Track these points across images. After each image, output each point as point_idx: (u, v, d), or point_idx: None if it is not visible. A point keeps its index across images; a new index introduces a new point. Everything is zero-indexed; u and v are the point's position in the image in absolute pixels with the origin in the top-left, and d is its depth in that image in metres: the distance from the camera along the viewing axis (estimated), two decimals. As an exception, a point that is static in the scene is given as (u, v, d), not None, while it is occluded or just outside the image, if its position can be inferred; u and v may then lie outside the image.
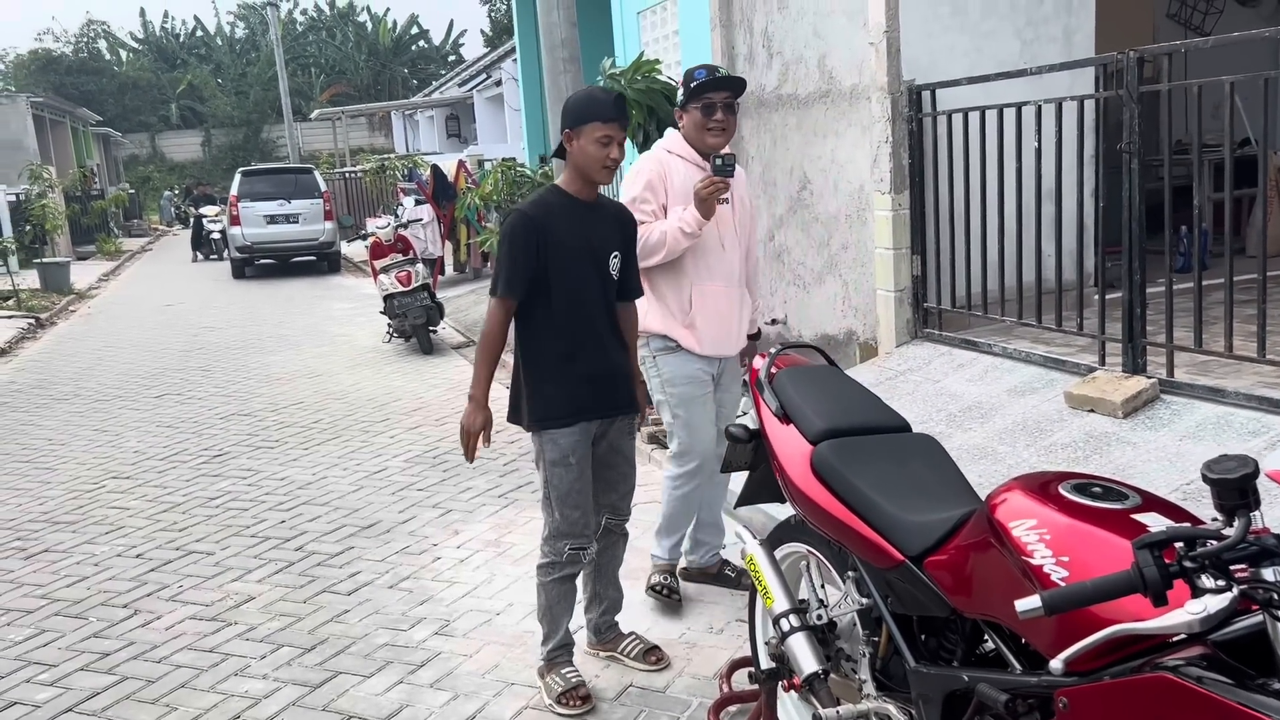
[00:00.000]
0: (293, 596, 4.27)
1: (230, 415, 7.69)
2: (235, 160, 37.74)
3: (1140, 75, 4.29)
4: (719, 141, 3.64)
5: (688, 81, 3.64)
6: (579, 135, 3.11)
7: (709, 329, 3.72)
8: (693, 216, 3.54)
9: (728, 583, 4.04)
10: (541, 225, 3.10)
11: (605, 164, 3.10)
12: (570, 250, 3.14)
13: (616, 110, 3.10)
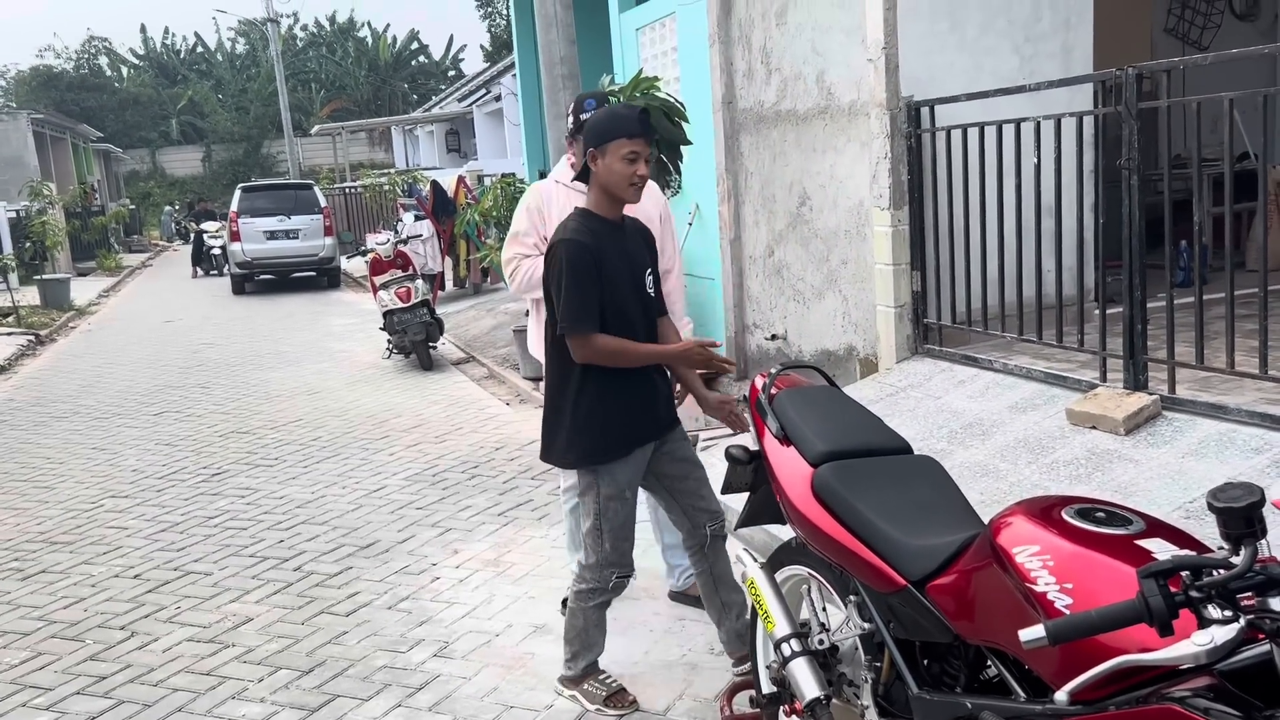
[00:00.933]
0: (291, 618, 4.24)
1: (229, 433, 7.67)
2: (235, 176, 37.83)
3: (1139, 91, 4.29)
4: None
5: (577, 112, 3.64)
6: (604, 154, 3.03)
7: None
8: None
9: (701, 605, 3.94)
10: (594, 251, 3.03)
11: (632, 181, 3.04)
12: (615, 274, 3.07)
13: (641, 125, 3.03)
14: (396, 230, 12.81)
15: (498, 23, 34.55)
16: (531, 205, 3.78)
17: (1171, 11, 8.85)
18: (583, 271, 2.99)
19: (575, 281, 2.98)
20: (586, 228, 3.08)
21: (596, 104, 3.55)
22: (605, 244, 3.06)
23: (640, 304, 3.14)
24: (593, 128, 3.05)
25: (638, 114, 3.04)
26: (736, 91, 7.44)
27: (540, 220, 3.75)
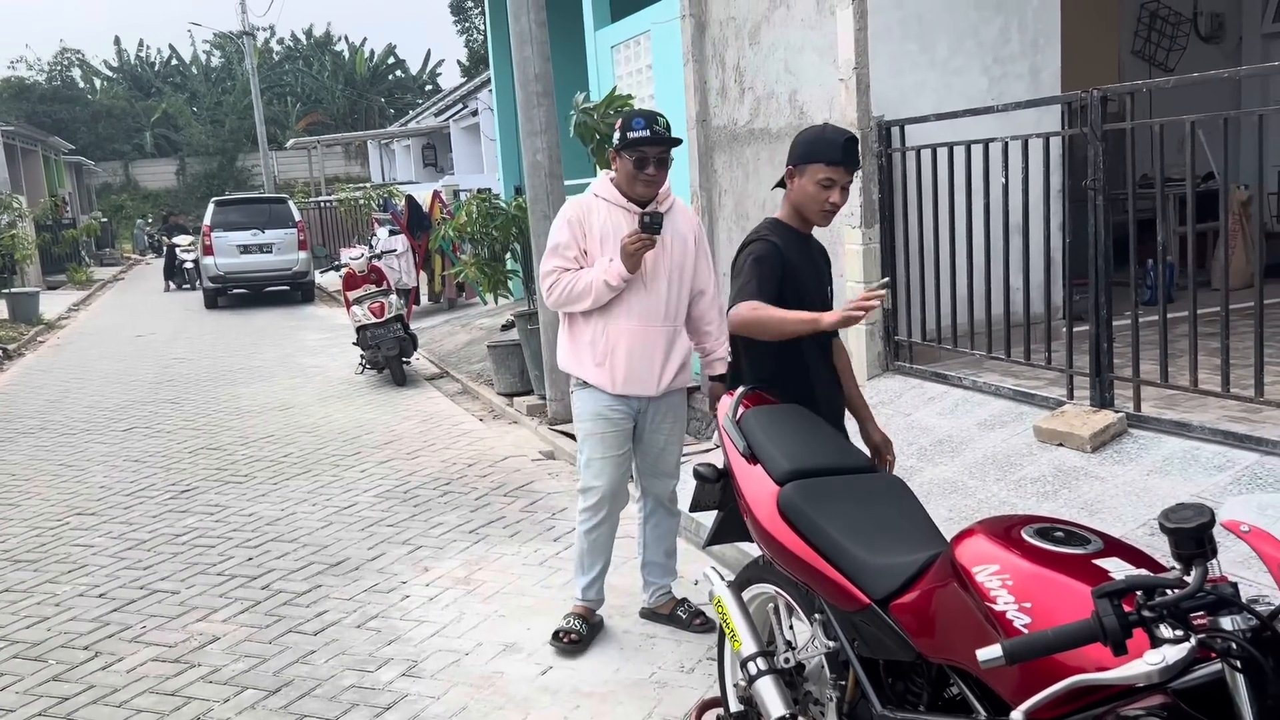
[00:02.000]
0: (258, 637, 4.20)
1: (199, 449, 7.60)
2: (210, 189, 37.63)
3: (1104, 113, 4.35)
4: (648, 193, 3.64)
5: (625, 129, 3.61)
6: (801, 173, 3.01)
7: (622, 367, 3.70)
8: (617, 270, 3.56)
9: (679, 624, 3.98)
10: (784, 255, 3.04)
11: (824, 207, 3.01)
12: (801, 282, 3.08)
13: (845, 154, 2.94)
14: (371, 245, 12.76)
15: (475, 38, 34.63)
16: (573, 218, 3.71)
17: (1138, 34, 8.99)
18: (767, 264, 3.01)
19: (758, 268, 3.00)
20: (777, 232, 3.10)
21: (645, 123, 3.55)
22: (793, 252, 3.07)
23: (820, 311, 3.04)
24: (796, 145, 3.03)
25: (844, 141, 2.94)
26: (710, 110, 7.48)
27: (581, 233, 3.69)
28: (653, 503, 4.02)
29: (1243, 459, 3.76)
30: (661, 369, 3.75)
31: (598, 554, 3.93)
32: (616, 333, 3.69)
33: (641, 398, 3.77)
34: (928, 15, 5.79)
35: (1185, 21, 9.05)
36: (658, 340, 3.73)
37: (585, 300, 3.64)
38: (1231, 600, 1.48)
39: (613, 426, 3.78)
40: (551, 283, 3.70)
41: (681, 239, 3.76)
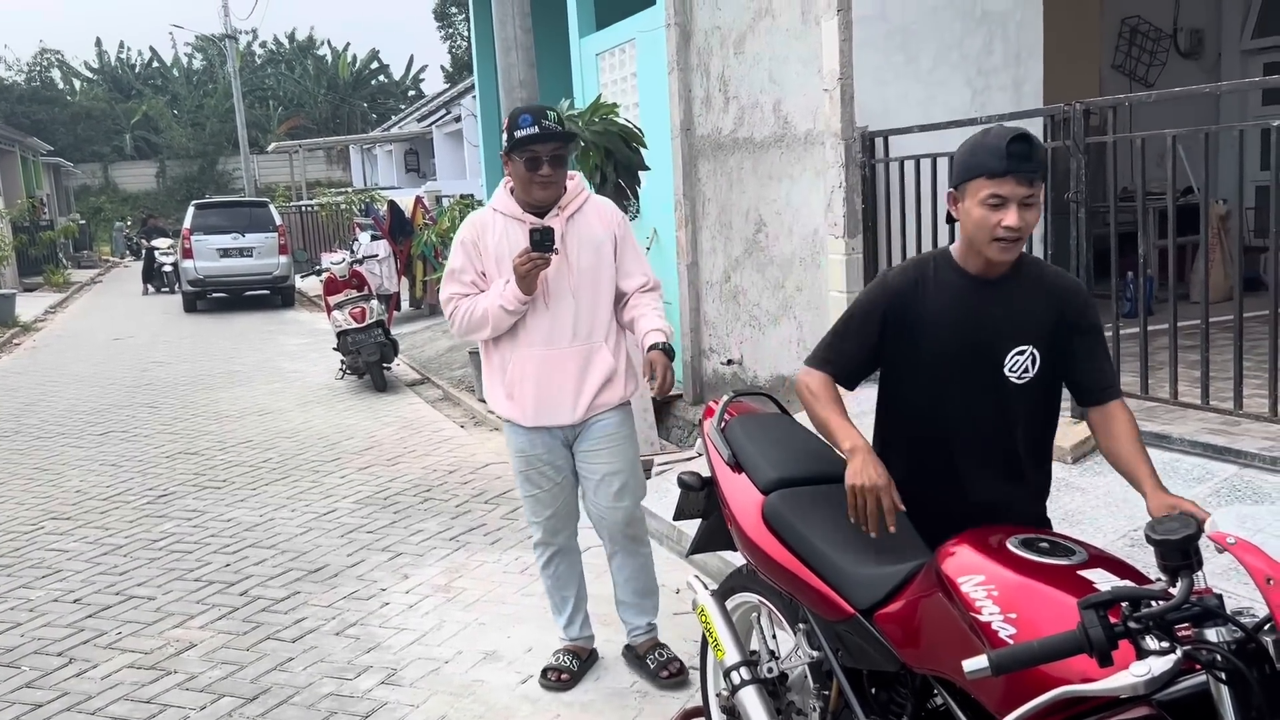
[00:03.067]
0: (236, 644, 4.16)
1: (177, 454, 7.54)
2: (190, 192, 37.39)
3: (1086, 126, 4.38)
4: (548, 196, 3.32)
5: (511, 128, 3.27)
6: (963, 195, 2.27)
7: (531, 397, 3.40)
8: (512, 293, 3.27)
9: (646, 671, 3.62)
10: (908, 302, 2.36)
11: (995, 234, 2.21)
12: (943, 343, 2.34)
13: (1011, 159, 2.17)
14: (352, 250, 12.70)
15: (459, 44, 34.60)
16: (466, 239, 3.42)
17: (1119, 49, 9.07)
18: (858, 319, 2.41)
19: (842, 324, 2.46)
20: (925, 273, 2.39)
21: (532, 119, 3.22)
22: (945, 300, 2.33)
23: (992, 392, 2.32)
24: (955, 163, 2.31)
25: (1006, 142, 2.18)
26: (695, 118, 7.49)
27: (476, 254, 3.39)
28: (609, 540, 3.63)
29: (1222, 470, 3.78)
30: (576, 394, 3.41)
31: (565, 589, 3.67)
32: (521, 360, 3.40)
33: (562, 426, 3.46)
34: (912, 27, 5.82)
35: (1165, 37, 9.14)
36: (568, 364, 3.39)
37: (485, 328, 3.38)
38: (1217, 612, 1.48)
39: (537, 463, 3.50)
40: (450, 311, 3.45)
41: (592, 245, 3.40)
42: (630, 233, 3.57)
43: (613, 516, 3.55)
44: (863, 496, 2.18)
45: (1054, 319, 2.33)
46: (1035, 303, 2.33)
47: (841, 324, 2.46)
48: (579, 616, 3.72)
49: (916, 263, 2.47)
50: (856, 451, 2.25)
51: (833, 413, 2.36)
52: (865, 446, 2.26)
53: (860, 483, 2.19)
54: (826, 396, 2.39)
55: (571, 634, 3.72)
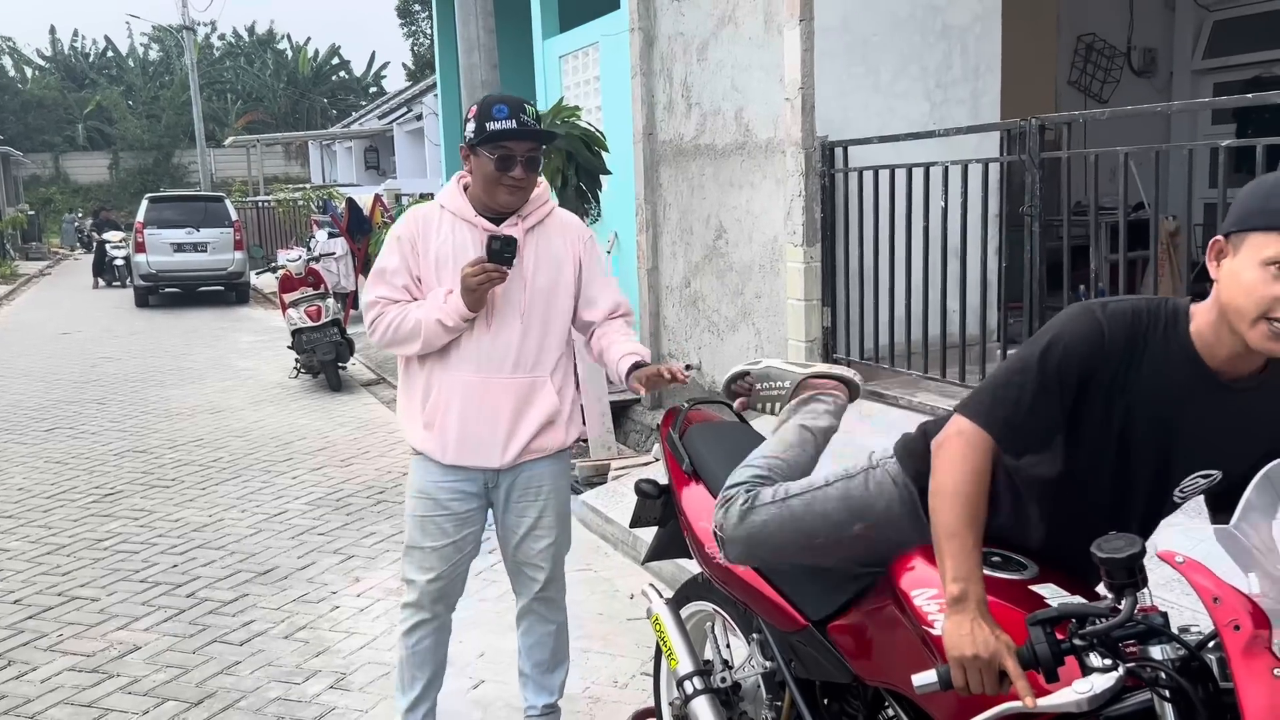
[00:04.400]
0: (181, 647, 4.09)
1: (125, 452, 7.40)
2: (144, 184, 36.77)
3: (1041, 141, 4.44)
4: (514, 202, 2.85)
5: (482, 118, 2.76)
6: (1236, 248, 1.61)
7: (454, 430, 2.87)
8: (455, 308, 2.76)
9: None
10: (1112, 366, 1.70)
11: (1273, 313, 1.55)
12: (1144, 447, 1.76)
13: None
14: (309, 247, 12.56)
15: (421, 41, 34.37)
16: (404, 236, 2.88)
17: (1075, 65, 9.21)
18: (1051, 373, 1.71)
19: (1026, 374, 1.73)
20: (1151, 338, 1.70)
21: (509, 111, 2.75)
22: (1161, 394, 1.70)
23: (1147, 510, 1.85)
24: (1239, 201, 1.64)
25: None
26: (657, 124, 7.50)
27: (414, 256, 2.87)
28: (521, 604, 3.16)
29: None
30: (509, 434, 2.90)
31: (421, 668, 3.06)
32: (449, 385, 2.86)
33: (485, 469, 2.94)
34: (873, 39, 5.88)
35: (1119, 55, 9.30)
36: (503, 397, 2.88)
37: (413, 343, 2.83)
38: (1161, 630, 1.50)
39: (441, 509, 2.93)
40: (374, 316, 2.86)
41: (554, 263, 2.93)
42: (598, 252, 3.09)
43: (533, 574, 3.08)
44: (974, 671, 1.59)
45: (1240, 447, 1.73)
46: (1245, 425, 1.72)
47: (1033, 370, 1.71)
48: (424, 706, 3.09)
49: (1139, 315, 1.70)
50: (966, 604, 1.63)
51: (968, 530, 1.68)
52: (978, 598, 1.64)
53: (969, 653, 1.58)
54: (977, 487, 1.70)
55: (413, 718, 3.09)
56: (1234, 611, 1.37)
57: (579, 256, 2.99)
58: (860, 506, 2.05)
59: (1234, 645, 1.36)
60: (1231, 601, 1.38)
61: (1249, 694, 1.33)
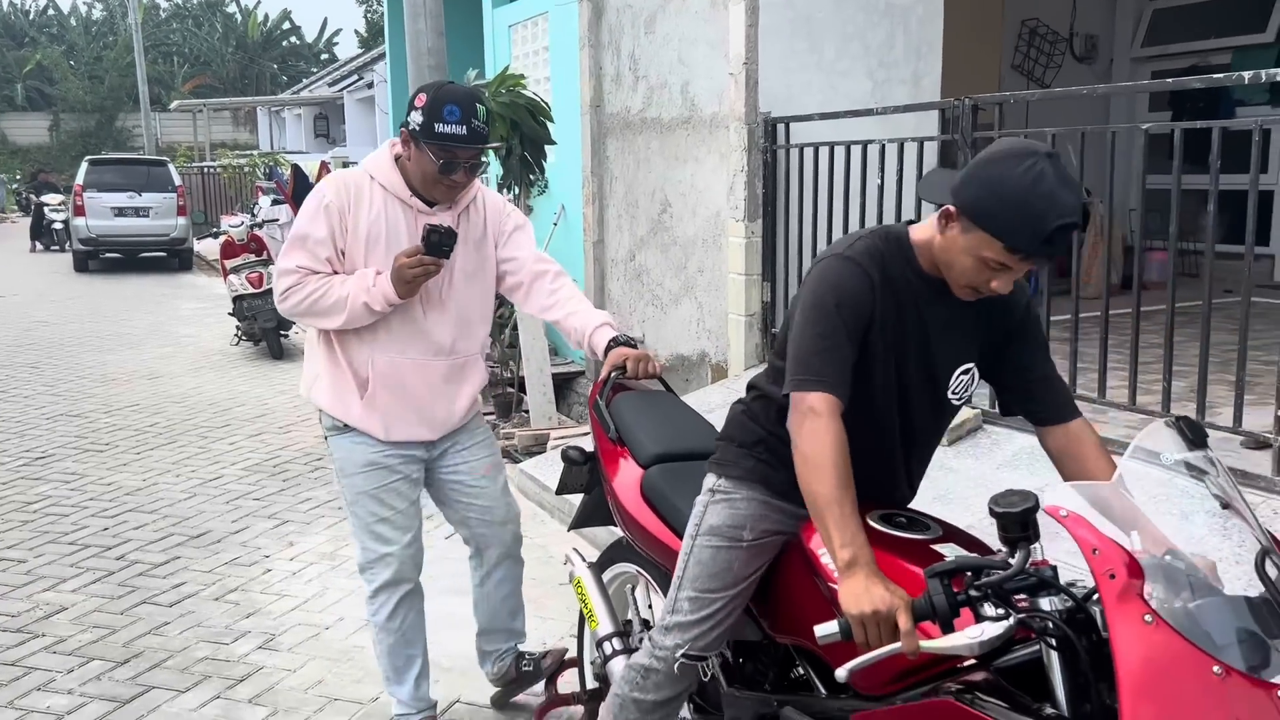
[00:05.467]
0: (109, 608, 4.07)
1: (58, 415, 7.29)
2: (86, 147, 35.87)
3: (975, 121, 4.52)
4: (447, 198, 2.82)
5: (432, 115, 2.66)
6: (964, 231, 1.82)
7: (396, 409, 2.86)
8: (382, 294, 2.70)
9: (530, 680, 3.25)
10: (873, 293, 1.93)
11: (975, 287, 1.87)
12: (899, 350, 1.98)
13: (1049, 245, 1.75)
14: (253, 213, 12.39)
15: (374, 8, 33.86)
16: (334, 205, 2.73)
17: (1019, 49, 9.35)
18: (848, 310, 1.90)
19: (821, 323, 1.90)
20: (879, 257, 1.94)
21: (461, 115, 2.66)
22: (903, 299, 1.94)
23: (932, 411, 2.06)
24: (980, 193, 1.79)
25: (1053, 229, 1.72)
26: (605, 96, 7.50)
27: (342, 228, 2.75)
28: (495, 549, 3.14)
29: (1178, 504, 3.96)
30: (448, 409, 2.94)
31: (413, 645, 3.03)
32: (388, 366, 2.83)
33: (423, 443, 2.96)
34: (817, 17, 5.93)
35: (1062, 41, 9.46)
36: (438, 375, 2.90)
37: (335, 318, 2.75)
38: (1050, 582, 1.57)
39: (394, 474, 2.91)
40: (290, 285, 2.76)
41: (475, 245, 2.90)
42: (522, 224, 3.04)
43: (503, 515, 3.11)
44: (873, 626, 1.66)
45: (994, 324, 2.02)
46: (971, 327, 2.00)
47: (825, 322, 1.89)
48: (426, 678, 3.10)
49: (873, 246, 1.95)
50: (857, 566, 1.72)
51: (842, 497, 1.77)
52: (868, 559, 1.73)
53: (867, 609, 1.66)
54: (839, 459, 1.80)
55: (422, 700, 3.05)
56: (1111, 562, 1.44)
57: (497, 232, 2.97)
58: (731, 531, 2.12)
59: (1109, 593, 1.43)
60: (1109, 553, 1.45)
61: (1120, 637, 1.40)
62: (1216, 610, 1.41)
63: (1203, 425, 1.71)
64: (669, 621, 2.18)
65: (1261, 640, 1.39)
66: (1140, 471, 1.59)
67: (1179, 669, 1.35)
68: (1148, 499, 1.62)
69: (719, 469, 2.19)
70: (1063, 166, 1.75)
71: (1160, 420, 1.69)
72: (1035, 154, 1.75)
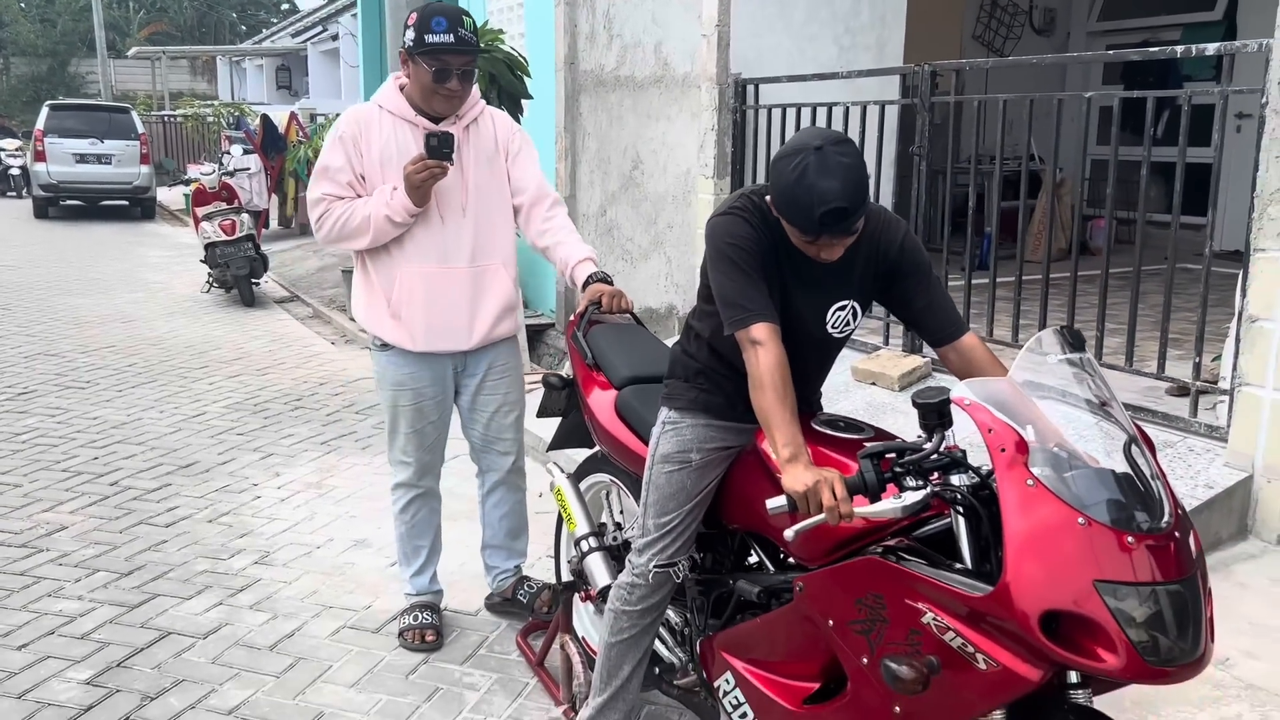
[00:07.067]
0: (108, 527, 4.29)
1: (35, 355, 7.42)
2: (38, 92, 35.21)
3: (933, 87, 4.81)
4: (448, 110, 3.07)
5: (421, 29, 2.94)
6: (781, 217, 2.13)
7: (421, 319, 3.12)
8: (400, 203, 2.98)
9: (521, 607, 3.50)
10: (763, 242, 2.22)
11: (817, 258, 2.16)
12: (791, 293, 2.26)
13: (824, 227, 2.04)
14: (222, 162, 12.43)
15: (338, -41, 33.39)
16: (346, 135, 3.05)
17: (980, 20, 9.65)
18: (748, 252, 2.18)
19: (737, 263, 2.18)
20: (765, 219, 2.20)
21: (447, 25, 2.92)
22: (779, 246, 2.21)
23: (818, 342, 2.34)
24: (774, 186, 2.11)
25: (820, 214, 2.01)
26: (579, 53, 7.69)
27: (357, 154, 3.06)
28: (494, 474, 3.45)
29: (1061, 400, 4.29)
30: (472, 318, 3.18)
31: (421, 537, 3.41)
32: (411, 277, 3.10)
33: (454, 354, 3.22)
34: (787, -18, 6.17)
35: (1022, 13, 9.77)
36: (462, 284, 3.14)
37: (363, 237, 3.05)
38: (960, 462, 1.88)
39: (419, 397, 3.22)
40: (321, 213, 3.08)
41: (488, 158, 3.16)
42: (528, 145, 3.29)
43: (500, 459, 3.41)
44: (814, 498, 1.91)
45: (872, 264, 2.26)
46: (854, 249, 2.21)
47: (735, 266, 2.18)
48: (430, 569, 3.46)
49: (754, 204, 2.23)
50: (798, 458, 2.01)
51: (781, 408, 2.08)
52: (805, 453, 2.03)
53: (810, 482, 1.92)
54: (778, 376, 2.10)
55: (421, 585, 3.43)
56: (1002, 439, 1.76)
57: (506, 148, 3.21)
58: (681, 455, 2.41)
59: (1000, 463, 1.75)
60: (1001, 431, 1.77)
61: (1006, 497, 1.72)
62: (1086, 479, 1.73)
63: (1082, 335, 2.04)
64: (640, 543, 2.50)
65: (1123, 503, 1.71)
66: (1031, 369, 1.90)
67: (1051, 520, 1.68)
68: (1038, 395, 1.92)
69: (667, 402, 2.50)
70: (829, 155, 2.01)
71: (1049, 329, 2.00)
72: (804, 150, 2.04)
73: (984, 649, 1.72)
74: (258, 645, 3.34)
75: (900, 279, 2.29)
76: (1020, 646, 1.68)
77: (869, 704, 1.95)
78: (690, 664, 2.64)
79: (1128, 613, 1.63)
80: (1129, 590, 1.64)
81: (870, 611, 1.91)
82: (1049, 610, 1.64)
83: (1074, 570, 1.64)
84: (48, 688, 3.07)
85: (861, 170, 2.06)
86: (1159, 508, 1.75)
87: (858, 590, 1.93)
